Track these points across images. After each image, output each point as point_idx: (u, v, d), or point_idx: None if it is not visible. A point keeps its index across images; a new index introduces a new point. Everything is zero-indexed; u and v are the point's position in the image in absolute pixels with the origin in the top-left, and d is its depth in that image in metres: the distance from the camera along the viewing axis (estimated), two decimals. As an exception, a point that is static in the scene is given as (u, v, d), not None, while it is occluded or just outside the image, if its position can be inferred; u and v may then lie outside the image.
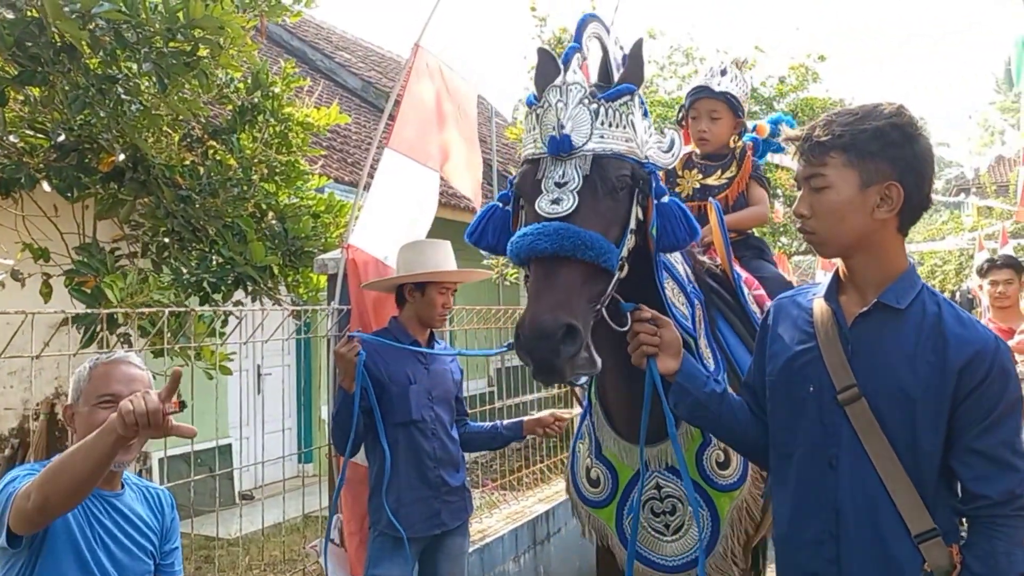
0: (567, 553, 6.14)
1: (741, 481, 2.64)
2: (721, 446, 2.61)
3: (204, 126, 4.78)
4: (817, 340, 2.08)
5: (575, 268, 2.10)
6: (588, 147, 2.20)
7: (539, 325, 2.01)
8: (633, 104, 2.29)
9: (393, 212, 4.04)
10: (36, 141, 4.22)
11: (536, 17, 12.60)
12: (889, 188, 1.95)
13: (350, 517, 3.80)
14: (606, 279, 2.17)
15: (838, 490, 2.00)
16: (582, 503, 2.88)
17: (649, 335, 2.23)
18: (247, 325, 3.96)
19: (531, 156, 2.30)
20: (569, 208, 2.14)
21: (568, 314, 2.03)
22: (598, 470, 2.80)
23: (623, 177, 2.24)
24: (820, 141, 1.99)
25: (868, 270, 2.04)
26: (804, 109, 15.67)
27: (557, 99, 2.23)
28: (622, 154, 2.24)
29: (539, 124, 2.26)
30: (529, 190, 2.26)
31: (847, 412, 1.99)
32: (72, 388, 2.39)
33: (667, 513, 2.68)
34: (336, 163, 9.28)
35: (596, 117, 2.22)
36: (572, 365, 2.06)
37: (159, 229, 4.53)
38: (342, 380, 3.38)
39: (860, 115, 1.99)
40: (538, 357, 2.03)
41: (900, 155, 1.95)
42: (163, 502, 2.54)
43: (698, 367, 2.33)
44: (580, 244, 2.08)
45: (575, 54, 2.31)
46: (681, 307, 2.51)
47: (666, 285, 2.46)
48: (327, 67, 13.91)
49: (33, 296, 4.30)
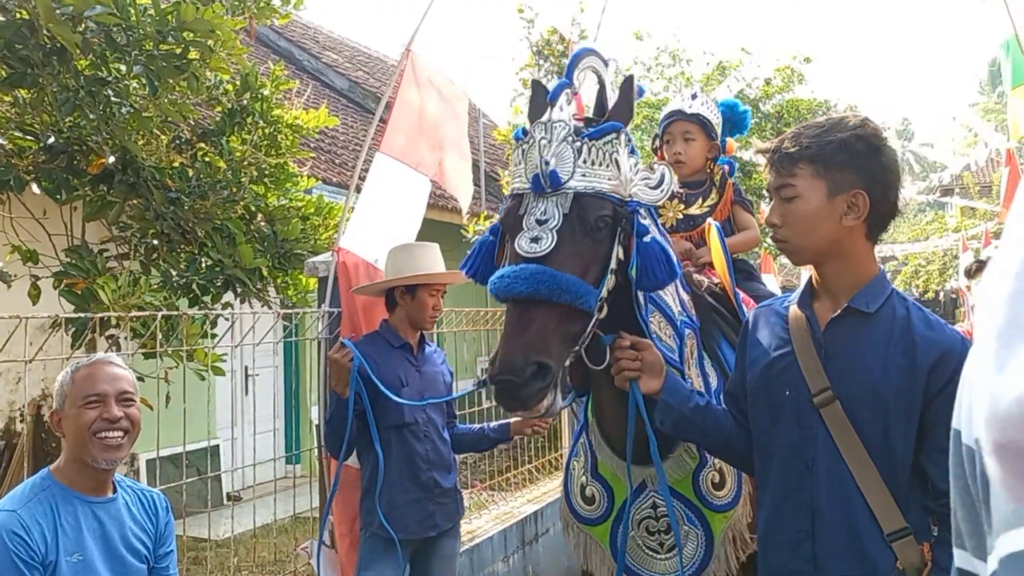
0: (555, 553, 6.17)
1: (735, 502, 2.68)
2: (717, 467, 2.65)
3: (193, 128, 4.78)
4: (793, 345, 2.13)
5: (551, 310, 2.12)
6: (570, 185, 2.21)
7: (508, 363, 2.05)
8: (619, 142, 2.30)
9: (384, 215, 4.05)
10: (25, 143, 4.21)
11: (524, 19, 12.59)
12: (855, 196, 2.02)
13: (341, 519, 3.81)
14: (584, 320, 2.19)
15: (815, 491, 2.06)
16: (576, 521, 2.88)
17: (630, 360, 2.29)
18: (237, 328, 3.97)
19: (516, 191, 2.32)
20: (547, 248, 2.15)
21: (538, 354, 2.06)
22: (593, 488, 2.82)
23: (604, 216, 2.24)
24: (788, 153, 2.06)
25: (839, 276, 2.10)
26: (790, 111, 15.76)
27: (542, 136, 2.25)
28: (604, 192, 2.25)
29: (524, 159, 2.29)
30: (512, 225, 2.29)
31: (822, 415, 2.05)
32: (56, 394, 2.39)
33: (662, 532, 2.70)
34: (324, 164, 9.27)
35: (579, 155, 2.23)
36: (540, 398, 2.09)
37: (148, 231, 4.53)
38: (335, 385, 3.39)
39: (827, 127, 2.07)
40: (503, 388, 2.07)
41: (865, 165, 2.02)
42: (157, 505, 2.55)
43: (681, 382, 2.38)
44: (556, 288, 2.10)
45: (563, 90, 2.31)
46: (668, 340, 2.53)
47: (651, 320, 2.47)
48: (314, 67, 13.88)
49: (21, 298, 4.29)
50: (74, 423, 2.33)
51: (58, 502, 2.29)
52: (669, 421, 2.30)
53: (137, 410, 2.42)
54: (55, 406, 2.39)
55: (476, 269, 2.49)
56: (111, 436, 2.34)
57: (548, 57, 10.51)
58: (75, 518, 2.30)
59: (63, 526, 2.27)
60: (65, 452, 2.39)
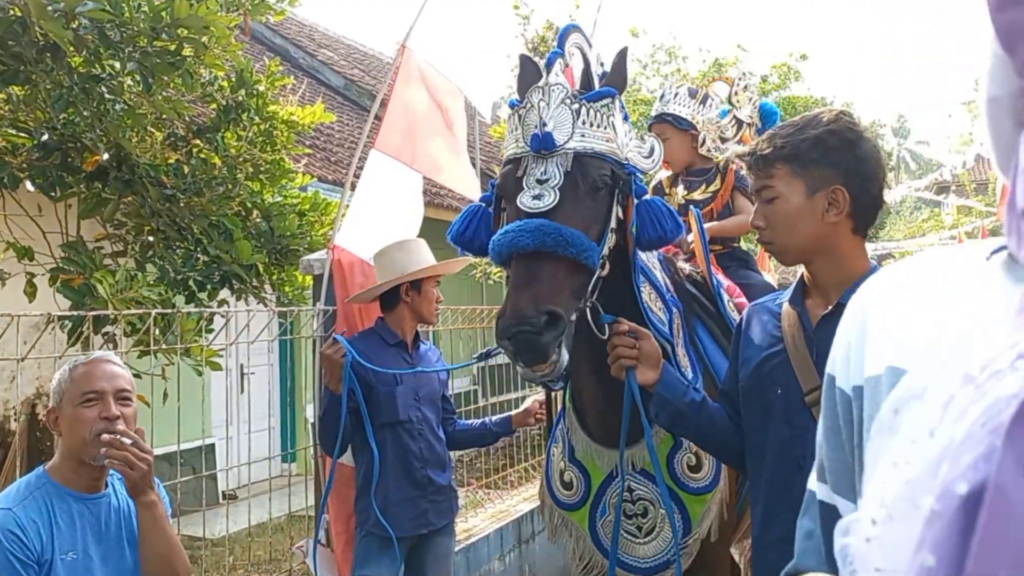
0: (552, 551, 6.16)
1: (713, 484, 2.66)
2: (693, 449, 2.64)
3: (188, 125, 4.77)
4: (784, 343, 2.13)
5: (557, 264, 2.13)
6: (569, 145, 2.24)
7: (520, 312, 2.05)
8: (614, 107, 2.35)
9: (379, 213, 4.04)
10: (19, 140, 4.19)
11: (519, 16, 12.59)
12: (835, 192, 2.02)
13: (336, 517, 3.80)
14: (587, 276, 2.21)
15: (806, 490, 2.04)
16: (556, 506, 2.88)
17: (628, 347, 2.28)
18: (233, 325, 3.95)
19: (513, 155, 2.33)
20: (551, 203, 2.18)
21: (550, 303, 2.07)
22: (571, 473, 2.81)
23: (604, 176, 2.28)
24: (764, 154, 2.07)
25: (829, 273, 2.09)
26: (786, 108, 15.76)
27: (539, 99, 2.28)
28: (603, 153, 2.28)
29: (521, 124, 2.31)
30: (511, 187, 2.30)
31: (813, 413, 2.03)
32: (53, 392, 2.38)
33: (639, 515, 2.69)
34: (319, 162, 9.25)
35: (578, 117, 2.26)
36: (556, 348, 2.09)
37: (143, 228, 4.52)
38: (328, 381, 3.38)
39: (800, 125, 2.07)
40: (519, 340, 2.06)
41: (841, 160, 2.02)
42: None
43: (678, 377, 2.36)
44: (562, 240, 2.12)
45: (557, 59, 2.35)
46: (658, 312, 2.54)
47: (643, 289, 2.49)
48: (309, 65, 13.86)
49: (16, 295, 4.27)
50: (70, 422, 2.32)
51: (53, 500, 2.28)
52: (664, 414, 2.29)
53: (134, 409, 2.42)
54: (52, 404, 2.38)
55: (470, 237, 2.49)
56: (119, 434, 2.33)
57: (543, 54, 10.53)
58: (70, 516, 2.30)
59: (58, 524, 2.26)
60: (61, 450, 2.38)
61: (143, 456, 2.28)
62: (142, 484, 2.28)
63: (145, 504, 2.31)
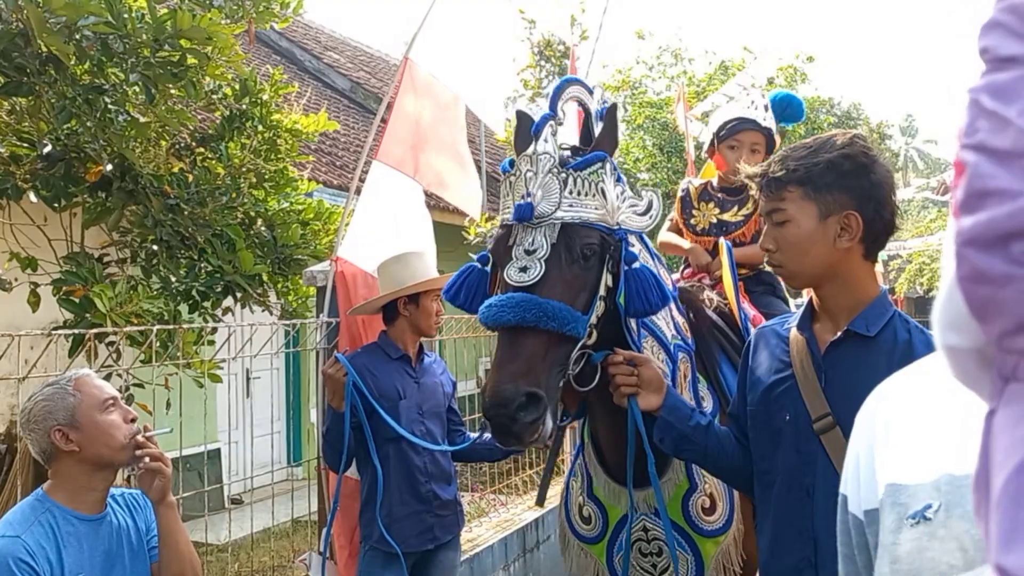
0: (557, 560, 6.11)
1: (727, 527, 2.66)
2: (707, 492, 2.64)
3: (192, 134, 4.77)
4: (793, 369, 2.10)
5: (539, 338, 2.15)
6: (557, 216, 2.24)
7: (499, 393, 2.08)
8: (604, 171, 2.33)
9: (382, 224, 4.02)
10: (23, 151, 4.20)
11: (525, 19, 12.59)
12: (848, 218, 1.97)
13: (340, 530, 3.79)
14: (571, 346, 2.22)
15: (815, 518, 2.01)
16: (576, 539, 2.90)
17: (626, 375, 2.28)
18: (236, 336, 3.95)
19: (505, 222, 2.35)
20: (535, 277, 2.19)
21: (529, 383, 2.09)
22: (589, 508, 2.83)
23: (591, 244, 2.28)
24: (776, 177, 2.03)
25: (838, 298, 2.06)
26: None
27: (527, 168, 2.29)
28: (591, 222, 2.28)
29: (512, 191, 2.32)
30: (501, 256, 2.32)
31: (822, 440, 2.01)
32: (55, 411, 2.30)
33: (654, 554, 2.71)
34: (324, 167, 9.25)
35: (565, 186, 2.27)
36: (534, 431, 2.12)
37: (147, 237, 4.52)
38: (331, 400, 3.37)
39: (814, 148, 2.02)
40: (497, 424, 2.10)
41: (855, 185, 1.98)
42: (139, 502, 2.54)
43: (683, 400, 2.35)
44: (543, 315, 2.13)
45: (547, 123, 2.33)
46: (660, 364, 2.52)
47: (644, 345, 2.49)
48: (315, 68, 13.86)
49: (21, 305, 4.28)
50: (101, 428, 2.31)
51: (58, 523, 2.27)
52: (669, 439, 2.27)
53: None
54: (58, 423, 2.29)
55: (466, 297, 2.51)
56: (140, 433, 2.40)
57: (549, 58, 10.50)
58: (76, 538, 2.29)
59: (66, 547, 2.25)
60: (70, 468, 2.32)
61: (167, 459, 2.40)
62: (168, 486, 2.40)
63: (168, 505, 2.42)
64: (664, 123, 14.54)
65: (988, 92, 0.58)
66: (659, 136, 14.62)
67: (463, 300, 2.51)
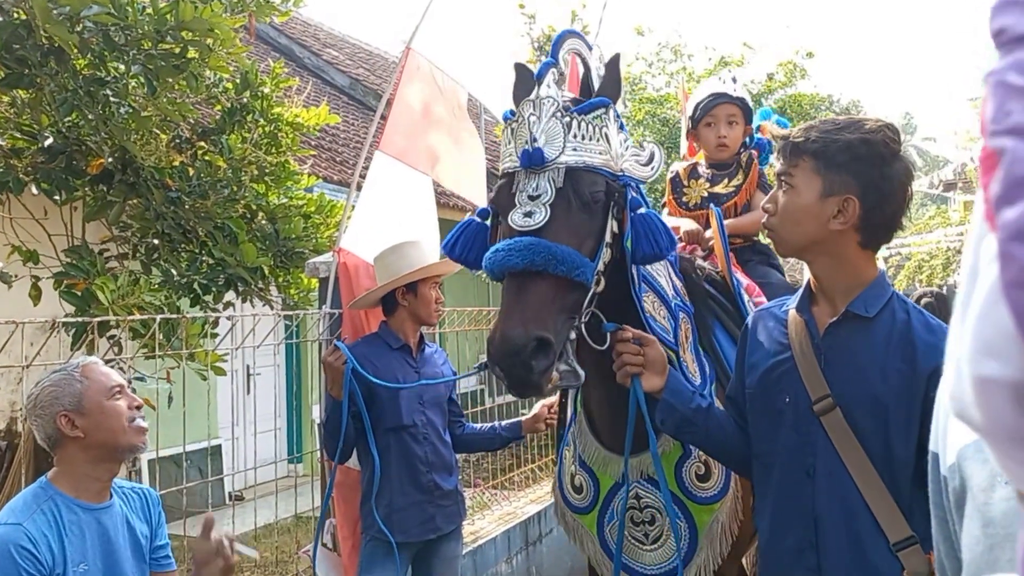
0: (559, 553, 6.15)
1: (721, 494, 2.63)
2: (702, 458, 2.61)
3: (193, 127, 4.76)
4: (792, 351, 2.10)
5: (547, 282, 2.10)
6: (561, 160, 2.20)
7: (508, 339, 2.02)
8: (608, 117, 2.30)
9: (384, 215, 4.01)
10: (23, 144, 4.19)
11: (524, 14, 12.58)
12: (847, 201, 1.97)
13: (343, 522, 3.78)
14: (581, 292, 2.18)
15: (816, 499, 2.02)
16: (568, 508, 2.88)
17: (632, 355, 2.25)
18: (239, 328, 3.94)
19: (507, 170, 2.31)
20: (541, 221, 2.15)
21: (539, 327, 2.04)
22: (581, 477, 2.80)
23: (597, 189, 2.24)
24: (796, 142, 2.03)
25: (833, 278, 2.06)
26: (792, 105, 15.72)
27: (530, 113, 2.25)
28: (596, 167, 2.25)
29: (514, 138, 2.28)
30: (504, 203, 2.28)
31: (822, 422, 2.01)
32: (62, 396, 2.31)
33: (646, 523, 2.67)
34: (324, 162, 9.24)
35: (569, 130, 2.23)
36: (548, 378, 2.07)
37: (149, 231, 4.51)
38: (330, 388, 3.36)
39: (841, 125, 2.02)
40: (510, 372, 2.04)
41: (865, 171, 1.97)
42: (149, 501, 2.54)
43: (684, 383, 2.33)
44: (551, 258, 2.09)
45: (549, 69, 2.30)
46: (662, 320, 2.50)
47: (645, 299, 2.45)
48: (314, 65, 13.84)
49: (22, 298, 4.27)
50: (107, 414, 2.31)
51: (61, 512, 2.26)
52: (670, 421, 2.27)
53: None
54: (64, 408, 2.30)
55: (463, 249, 2.47)
56: (142, 420, 2.39)
57: (549, 53, 10.50)
58: (79, 527, 2.28)
59: (68, 536, 2.24)
60: (74, 455, 2.32)
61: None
62: None
63: None
64: (664, 119, 14.54)
65: (1016, 70, 0.54)
66: (659, 132, 14.61)
67: (460, 252, 2.47)
